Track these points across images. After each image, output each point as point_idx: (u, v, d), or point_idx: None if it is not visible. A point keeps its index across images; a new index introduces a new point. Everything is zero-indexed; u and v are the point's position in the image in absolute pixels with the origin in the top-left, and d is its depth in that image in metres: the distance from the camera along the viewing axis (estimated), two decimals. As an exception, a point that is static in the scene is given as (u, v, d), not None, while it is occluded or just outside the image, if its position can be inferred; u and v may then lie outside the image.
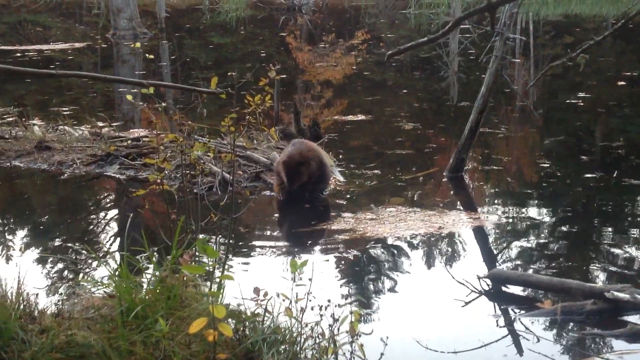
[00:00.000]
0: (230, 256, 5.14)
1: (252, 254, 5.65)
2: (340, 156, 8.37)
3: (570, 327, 4.42)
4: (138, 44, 3.93)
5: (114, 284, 3.57)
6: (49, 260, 5.44)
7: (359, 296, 4.83)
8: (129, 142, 8.34)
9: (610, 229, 6.25)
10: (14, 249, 5.78)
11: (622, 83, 13.21)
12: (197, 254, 3.97)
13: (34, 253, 5.69)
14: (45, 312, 3.69)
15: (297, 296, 3.60)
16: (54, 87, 13.66)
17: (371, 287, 5.11)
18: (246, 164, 7.56)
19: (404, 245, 5.79)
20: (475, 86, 12.57)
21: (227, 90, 3.37)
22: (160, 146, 4.22)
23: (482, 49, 11.17)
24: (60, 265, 5.40)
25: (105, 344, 3.21)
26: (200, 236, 4.26)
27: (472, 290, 4.94)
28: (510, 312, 4.68)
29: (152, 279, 3.63)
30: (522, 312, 4.63)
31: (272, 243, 5.93)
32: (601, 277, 5.27)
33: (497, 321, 4.58)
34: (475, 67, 14.93)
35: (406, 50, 2.63)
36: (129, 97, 4.03)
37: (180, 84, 3.08)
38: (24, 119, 9.55)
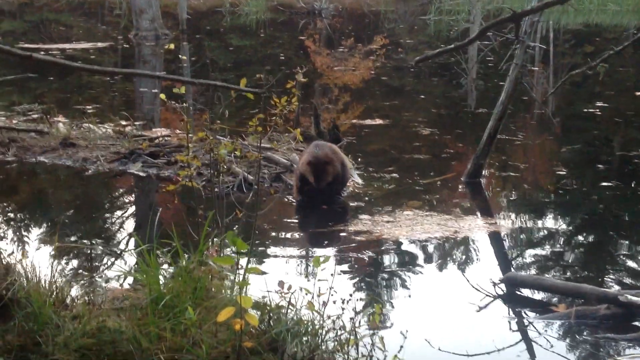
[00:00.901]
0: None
1: (271, 252, 5.79)
2: (359, 159, 8.48)
3: (583, 331, 4.50)
4: (172, 45, 4.06)
5: (143, 274, 3.71)
6: (77, 252, 5.60)
7: (373, 297, 4.93)
8: (160, 139, 8.51)
9: (625, 237, 6.32)
10: (42, 241, 5.95)
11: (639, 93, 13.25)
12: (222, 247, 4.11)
13: (60, 245, 5.84)
14: (76, 299, 3.85)
15: (319, 290, 3.72)
16: (75, 86, 13.89)
17: (385, 288, 5.21)
18: (266, 164, 7.70)
19: (420, 248, 5.89)
20: (493, 93, 12.63)
21: (264, 91, 3.50)
22: (190, 144, 4.37)
23: (501, 56, 11.25)
24: (87, 257, 5.57)
25: (135, 330, 3.36)
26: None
27: (487, 294, 5.02)
28: (525, 315, 4.76)
29: (180, 270, 3.77)
30: (536, 315, 4.72)
31: (290, 242, 6.07)
32: (615, 283, 5.34)
33: (511, 324, 4.67)
34: (493, 74, 14.98)
35: (433, 57, 2.74)
36: (162, 95, 4.17)
37: (225, 83, 3.20)
38: (48, 116, 9.75)
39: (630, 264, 5.71)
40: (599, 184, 7.70)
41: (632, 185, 7.64)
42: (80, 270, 5.20)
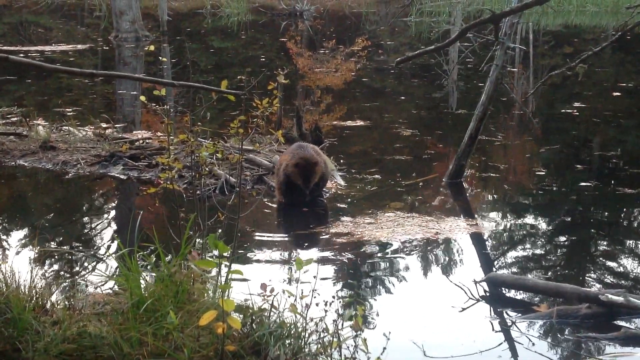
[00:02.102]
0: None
1: (253, 254, 5.77)
2: (341, 161, 8.49)
3: (565, 331, 4.53)
4: (152, 47, 4.07)
5: (124, 278, 3.68)
6: (57, 256, 5.55)
7: (355, 299, 4.92)
8: (141, 141, 8.47)
9: (605, 237, 6.38)
10: (21, 246, 5.89)
11: (617, 94, 13.37)
12: (204, 250, 4.09)
13: (40, 249, 5.78)
14: (57, 305, 3.81)
15: (302, 293, 3.71)
16: (54, 89, 13.78)
17: (367, 290, 5.21)
18: (248, 166, 7.69)
19: (401, 250, 5.88)
20: (472, 94, 12.70)
21: (245, 93, 3.49)
22: (171, 146, 4.35)
23: (481, 57, 11.32)
24: (67, 262, 5.52)
25: (117, 335, 3.33)
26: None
27: (469, 295, 5.03)
28: (507, 315, 4.78)
29: (161, 274, 3.74)
30: (518, 315, 4.74)
31: (273, 245, 6.05)
32: (596, 282, 5.38)
33: (493, 324, 4.68)
34: (473, 75, 15.08)
35: (414, 58, 2.75)
36: (143, 98, 4.14)
37: (206, 85, 3.17)
38: (27, 119, 9.66)
39: (610, 263, 5.76)
40: (578, 184, 7.76)
41: (611, 185, 7.71)
42: (61, 275, 5.15)
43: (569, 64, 5.07)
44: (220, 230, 5.19)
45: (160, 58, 6.11)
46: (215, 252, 3.38)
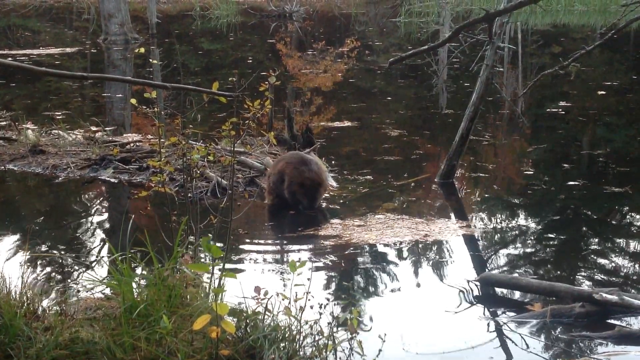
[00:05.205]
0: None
1: (246, 257, 5.74)
2: (332, 162, 8.48)
3: (559, 330, 4.53)
4: (142, 49, 4.07)
5: (116, 283, 3.65)
6: (48, 261, 5.51)
7: (350, 301, 4.90)
8: (132, 144, 8.43)
9: (595, 235, 6.40)
10: (12, 251, 5.84)
11: (604, 92, 13.43)
12: (197, 254, 4.07)
13: (31, 254, 5.74)
14: (48, 310, 3.78)
15: (296, 295, 3.70)
16: (41, 92, 13.71)
17: (359, 293, 5.17)
18: (240, 168, 7.66)
19: (389, 252, 5.85)
20: (461, 95, 12.73)
21: (236, 95, 3.47)
22: (162, 149, 4.32)
23: (470, 58, 11.33)
24: (59, 266, 5.47)
25: (109, 340, 3.30)
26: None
27: (463, 297, 5.02)
28: (500, 315, 4.77)
29: (154, 278, 3.71)
30: (512, 315, 4.74)
31: (266, 247, 6.03)
32: (588, 281, 5.39)
33: (486, 324, 4.67)
34: (461, 75, 15.11)
35: (407, 58, 2.74)
36: (133, 100, 4.11)
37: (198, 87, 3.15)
38: (17, 123, 9.60)
39: (602, 261, 5.78)
40: (567, 184, 7.78)
41: (598, 184, 7.74)
42: (52, 280, 5.11)
43: (560, 63, 5.08)
44: (211, 233, 5.16)
45: (149, 60, 6.10)
46: (208, 255, 3.36)
